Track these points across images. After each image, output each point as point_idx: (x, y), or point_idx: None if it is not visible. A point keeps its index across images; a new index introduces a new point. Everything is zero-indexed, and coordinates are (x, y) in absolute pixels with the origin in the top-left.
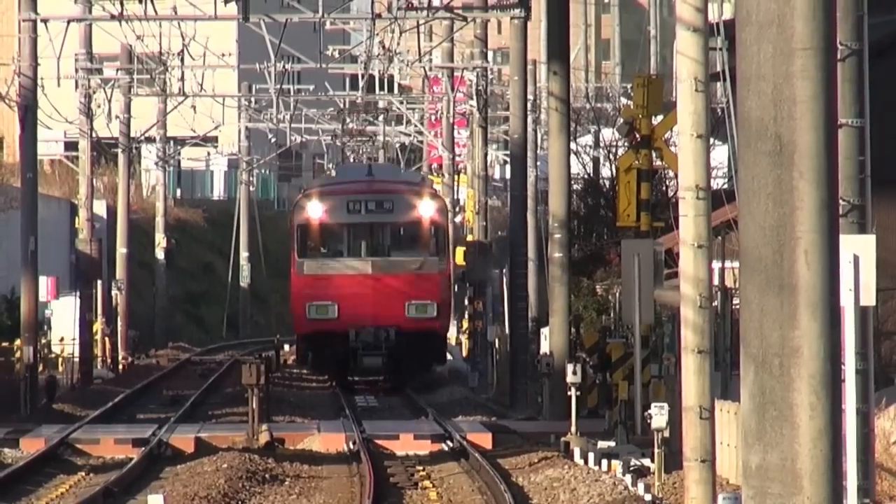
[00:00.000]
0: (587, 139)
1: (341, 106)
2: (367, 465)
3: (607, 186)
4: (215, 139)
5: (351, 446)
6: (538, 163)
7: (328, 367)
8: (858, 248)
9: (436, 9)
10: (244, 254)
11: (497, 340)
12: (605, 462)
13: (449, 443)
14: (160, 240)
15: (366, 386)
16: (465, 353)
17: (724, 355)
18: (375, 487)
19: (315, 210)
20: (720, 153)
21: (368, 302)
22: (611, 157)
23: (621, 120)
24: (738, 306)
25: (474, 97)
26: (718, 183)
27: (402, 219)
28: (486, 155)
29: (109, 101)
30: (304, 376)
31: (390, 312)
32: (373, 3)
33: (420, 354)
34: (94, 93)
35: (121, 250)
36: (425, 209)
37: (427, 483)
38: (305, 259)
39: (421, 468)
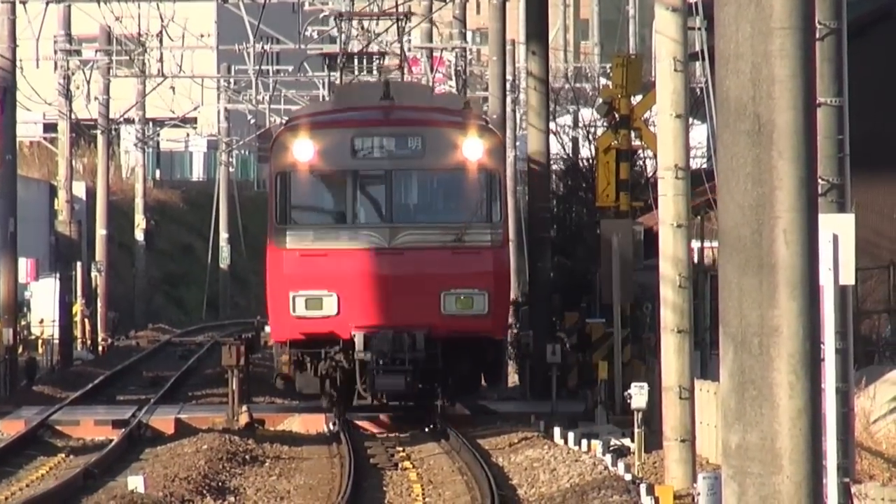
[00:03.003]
0: (566, 119)
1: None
2: (346, 446)
3: (586, 167)
4: (194, 120)
5: (331, 427)
6: (517, 143)
7: (323, 389)
8: (838, 228)
9: None
10: (224, 235)
11: None
12: (584, 442)
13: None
14: (140, 221)
15: (380, 420)
16: None
17: (704, 335)
18: (355, 468)
19: (304, 151)
20: (699, 133)
21: (385, 291)
22: (590, 137)
23: (600, 100)
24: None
25: (453, 77)
26: (697, 162)
27: (435, 163)
28: None
29: (88, 83)
30: None
31: (418, 307)
32: (340, 35)
33: (463, 371)
34: (73, 74)
35: (100, 232)
36: (471, 149)
37: (407, 464)
38: (290, 227)
39: (401, 449)
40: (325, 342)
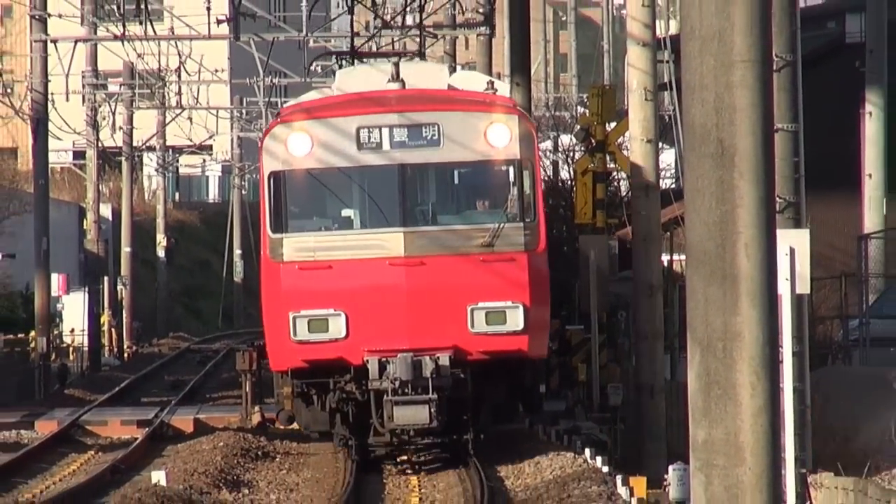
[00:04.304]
0: (547, 144)
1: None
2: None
3: (566, 187)
4: (210, 147)
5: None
6: None
7: (333, 425)
8: (794, 242)
9: (409, 27)
10: (237, 251)
11: None
12: (566, 438)
13: None
14: (161, 239)
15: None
16: None
17: (673, 340)
18: (357, 462)
19: (300, 145)
20: (668, 156)
21: (401, 308)
22: (569, 160)
23: (578, 127)
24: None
25: None
26: (666, 183)
27: (456, 155)
28: None
29: (114, 114)
30: None
31: (441, 326)
32: (352, 22)
33: (497, 398)
34: (100, 106)
35: (125, 249)
36: (498, 137)
37: (404, 457)
38: (287, 235)
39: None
40: (333, 370)
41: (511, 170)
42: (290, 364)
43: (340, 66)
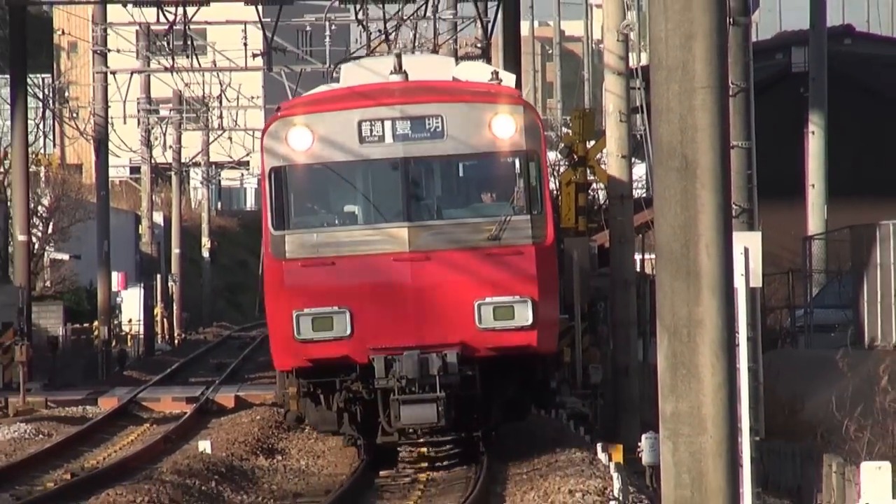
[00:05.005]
0: None
1: None
2: None
3: (552, 197)
4: (247, 163)
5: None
6: None
7: (341, 425)
8: (748, 243)
9: None
10: None
11: None
12: (553, 411)
13: None
14: (205, 242)
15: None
16: None
17: (645, 327)
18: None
19: (300, 140)
20: (640, 169)
21: (407, 304)
22: (555, 173)
23: (563, 145)
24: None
25: None
26: (639, 193)
27: (460, 147)
28: None
29: (164, 135)
30: None
31: (448, 322)
32: (368, 45)
33: (507, 395)
34: (152, 128)
35: (175, 251)
36: (503, 128)
37: (420, 450)
38: (289, 232)
39: None
40: (338, 369)
41: (517, 161)
42: (294, 363)
43: None
